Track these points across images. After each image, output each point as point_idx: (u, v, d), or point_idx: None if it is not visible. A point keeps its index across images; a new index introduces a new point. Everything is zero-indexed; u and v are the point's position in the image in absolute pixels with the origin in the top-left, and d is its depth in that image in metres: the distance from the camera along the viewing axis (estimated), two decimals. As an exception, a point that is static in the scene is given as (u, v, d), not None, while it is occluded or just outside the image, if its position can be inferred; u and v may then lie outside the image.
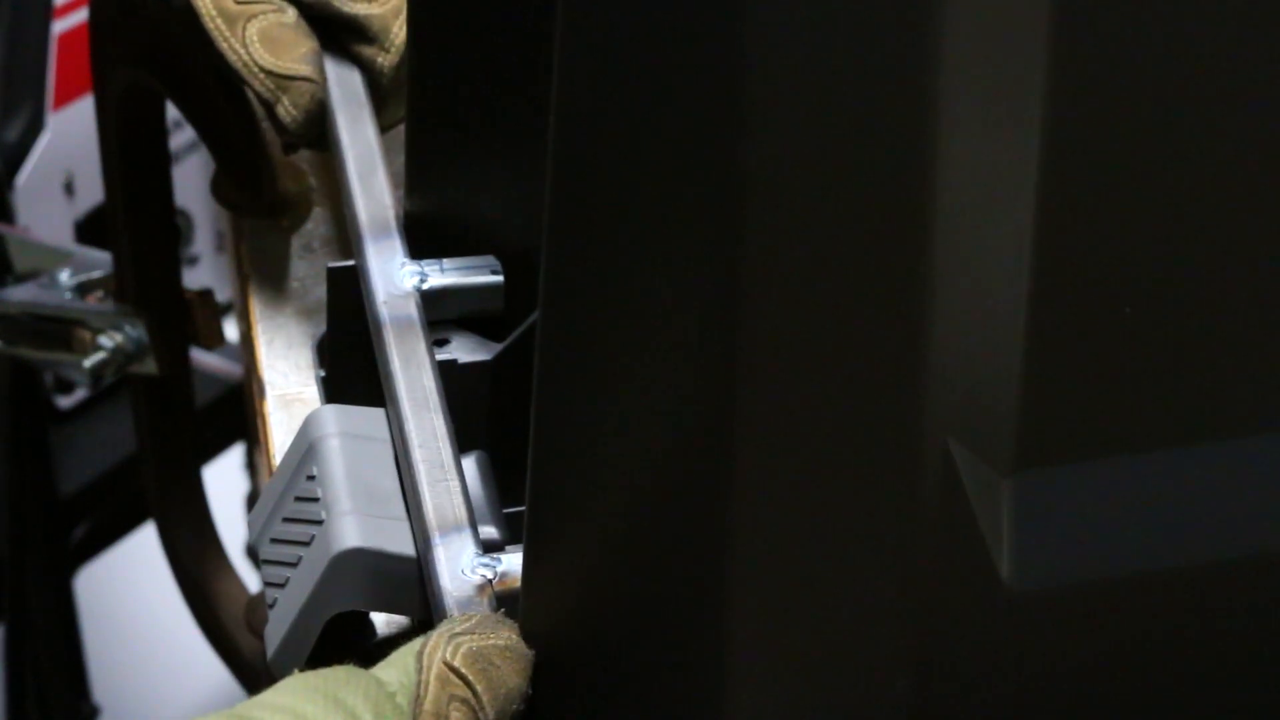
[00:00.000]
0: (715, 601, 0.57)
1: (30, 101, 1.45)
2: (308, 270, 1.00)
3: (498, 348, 0.79)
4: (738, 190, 0.53)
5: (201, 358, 1.34)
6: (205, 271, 1.61)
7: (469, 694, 0.61)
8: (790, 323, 0.54)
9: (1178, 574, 0.57)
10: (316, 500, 0.71)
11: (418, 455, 0.71)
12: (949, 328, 0.54)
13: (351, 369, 0.79)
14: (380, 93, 0.90)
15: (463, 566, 0.67)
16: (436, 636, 0.62)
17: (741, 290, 0.54)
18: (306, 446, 0.73)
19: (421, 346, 0.75)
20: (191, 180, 1.53)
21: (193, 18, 0.93)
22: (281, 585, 0.71)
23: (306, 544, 0.70)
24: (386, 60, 0.89)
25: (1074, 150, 0.53)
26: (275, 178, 0.99)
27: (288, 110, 0.87)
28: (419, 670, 0.61)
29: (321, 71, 0.87)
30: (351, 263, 0.80)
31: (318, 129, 0.87)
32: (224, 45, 0.88)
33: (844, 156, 0.53)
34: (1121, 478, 0.56)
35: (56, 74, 1.45)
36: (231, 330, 1.24)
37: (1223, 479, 0.57)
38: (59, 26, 1.45)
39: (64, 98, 1.46)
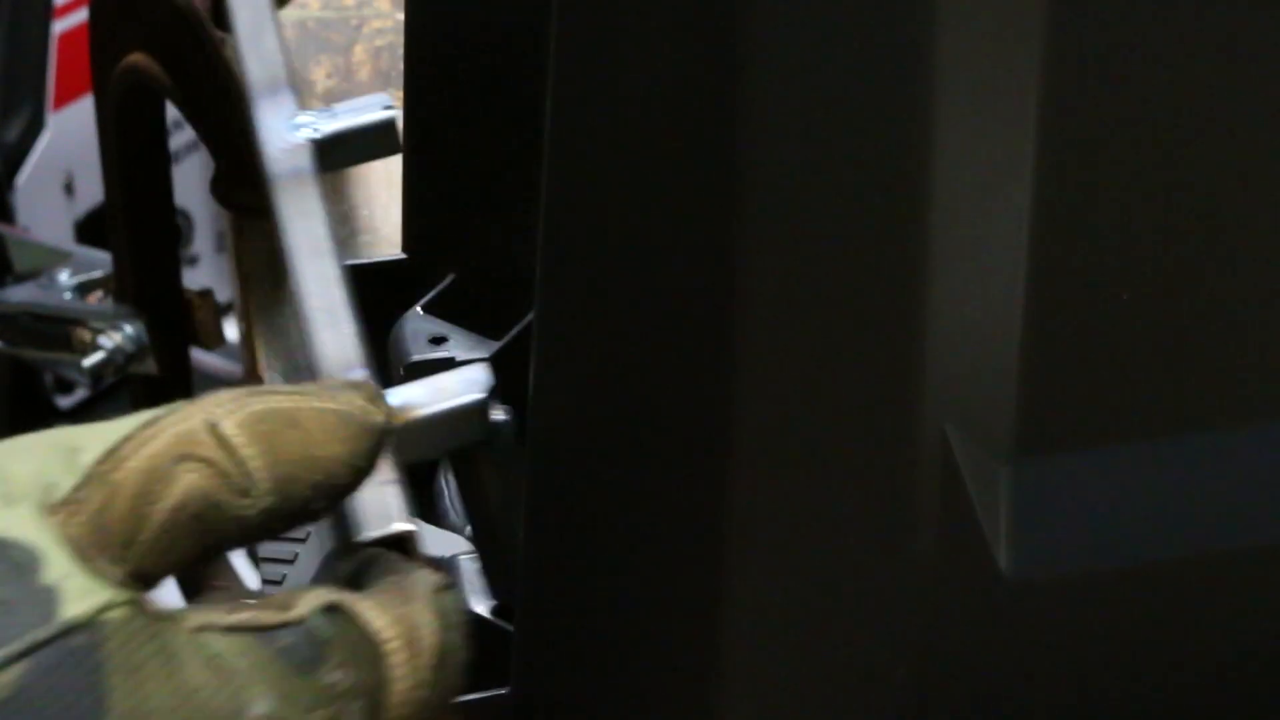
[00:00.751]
0: (713, 592, 0.57)
1: (30, 101, 1.45)
2: (307, 270, 0.99)
3: (495, 345, 0.79)
4: (734, 181, 0.53)
5: (201, 358, 1.35)
6: (205, 271, 1.61)
7: (221, 455, 0.49)
8: (787, 312, 0.54)
9: (1177, 564, 0.57)
10: (313, 496, 0.71)
11: (312, 303, 0.69)
12: (947, 315, 0.54)
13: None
14: None
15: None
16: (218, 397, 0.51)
17: (738, 281, 0.54)
18: (304, 443, 0.73)
19: (312, 195, 0.73)
20: (191, 180, 1.53)
21: (192, 14, 0.93)
22: (279, 583, 0.71)
23: (303, 540, 0.70)
24: None
25: (1070, 137, 0.53)
26: (275, 177, 0.99)
27: None
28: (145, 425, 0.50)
29: None
30: (351, 262, 0.80)
31: None
32: None
33: (840, 145, 0.53)
34: (1121, 466, 0.56)
35: (56, 74, 1.46)
36: (231, 330, 1.24)
37: (1224, 468, 0.56)
38: (59, 26, 1.45)
39: (64, 98, 1.47)
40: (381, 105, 0.77)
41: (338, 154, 0.76)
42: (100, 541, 0.48)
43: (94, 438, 0.50)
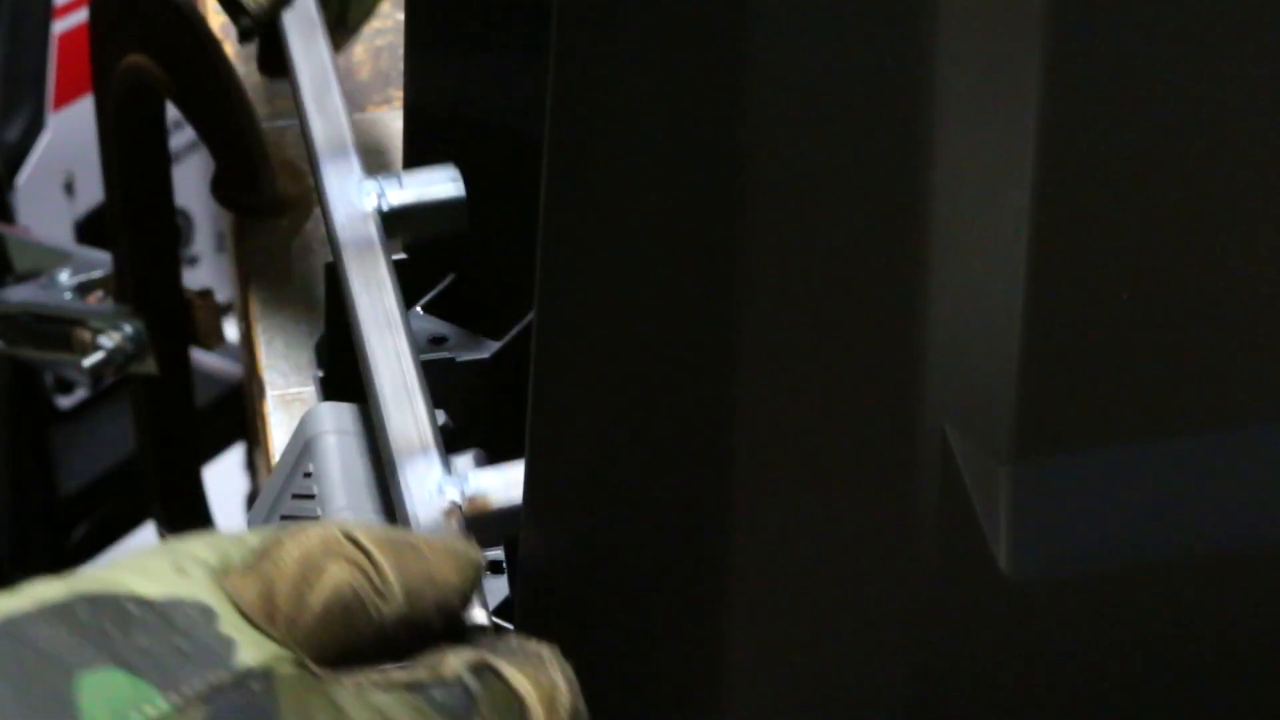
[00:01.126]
0: (714, 595, 0.57)
1: (30, 101, 1.45)
2: (308, 270, 1.00)
3: (495, 346, 0.79)
4: (735, 183, 0.53)
5: (201, 358, 1.35)
6: (205, 271, 1.61)
7: (363, 559, 0.53)
8: (788, 313, 0.54)
9: (1178, 565, 0.57)
10: (313, 497, 0.71)
11: (382, 378, 0.69)
12: (947, 316, 0.53)
13: (350, 368, 0.79)
14: None
15: (430, 488, 0.64)
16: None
17: (739, 281, 0.54)
18: (303, 444, 0.73)
19: (382, 267, 0.72)
20: (191, 180, 1.53)
21: (193, 14, 0.93)
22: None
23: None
24: None
25: (1071, 136, 0.53)
26: (275, 178, 0.99)
27: None
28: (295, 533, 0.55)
29: None
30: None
31: (270, 20, 0.83)
32: None
33: (841, 146, 0.53)
34: (1121, 467, 0.56)
35: (56, 74, 1.46)
36: (231, 330, 1.24)
37: (1224, 469, 0.56)
38: (59, 26, 1.45)
39: (64, 98, 1.47)
40: (450, 178, 0.77)
41: (403, 224, 0.76)
42: (269, 615, 0.51)
43: (248, 535, 0.54)
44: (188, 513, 1.24)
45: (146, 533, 1.44)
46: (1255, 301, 0.55)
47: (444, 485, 0.64)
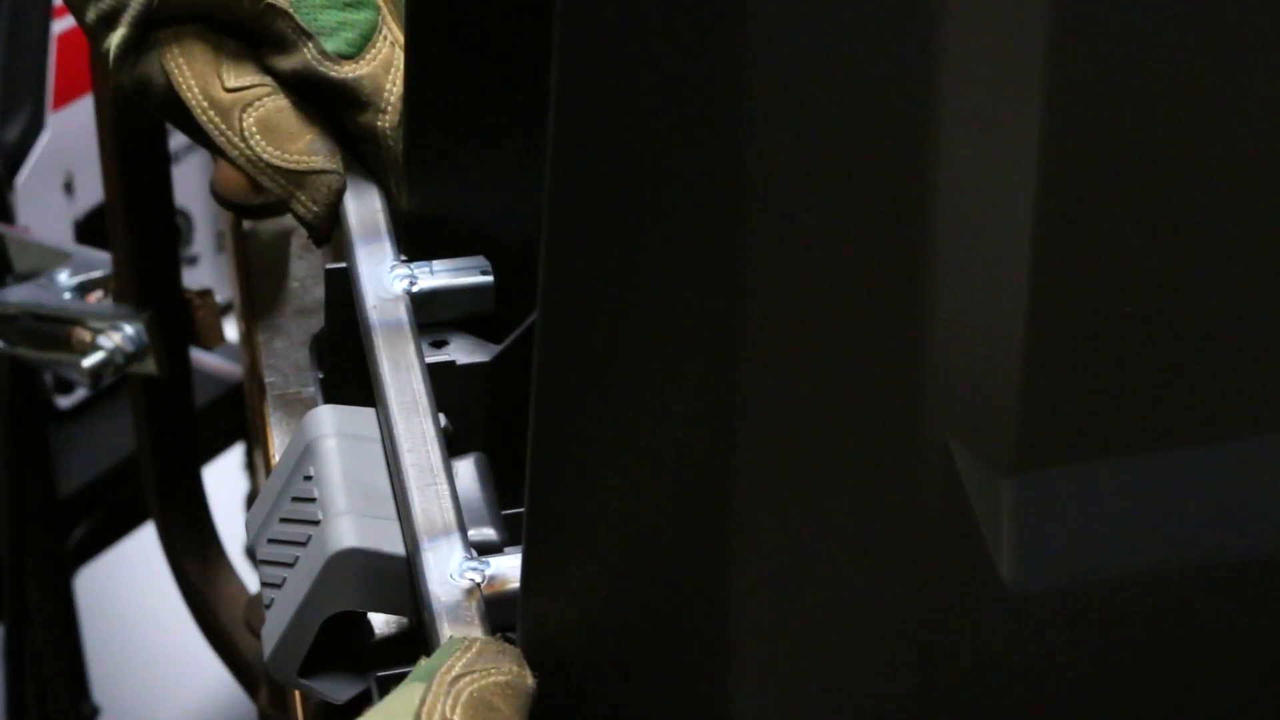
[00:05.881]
0: (718, 602, 0.57)
1: (30, 101, 1.45)
2: (307, 270, 1.00)
3: (496, 349, 0.79)
4: (738, 189, 0.53)
5: (201, 358, 1.35)
6: (205, 271, 1.61)
7: None
8: (791, 322, 0.54)
9: (1177, 574, 0.57)
10: (313, 501, 0.71)
11: (406, 459, 0.70)
12: (949, 327, 0.54)
13: (350, 370, 0.79)
14: (392, 158, 0.82)
15: (451, 571, 0.67)
16: (435, 688, 0.61)
17: (741, 290, 0.54)
18: (303, 447, 0.73)
19: (411, 349, 0.75)
20: (191, 180, 1.53)
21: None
22: (278, 586, 0.71)
23: (303, 544, 0.70)
24: (387, 122, 0.81)
25: (1074, 148, 0.53)
26: (275, 178, 0.99)
27: (306, 207, 0.81)
28: None
29: (335, 153, 0.81)
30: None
31: (334, 215, 0.82)
32: (222, 141, 0.80)
33: (845, 155, 0.53)
34: (1121, 478, 0.56)
35: (56, 74, 1.46)
36: (231, 330, 1.24)
37: (1223, 480, 0.56)
38: (59, 26, 1.45)
39: (64, 98, 1.47)
40: (479, 269, 0.79)
41: (432, 308, 0.78)
42: None
43: None
44: (186, 513, 1.24)
45: (146, 533, 1.44)
46: (1255, 315, 0.55)
47: (465, 567, 0.67)
